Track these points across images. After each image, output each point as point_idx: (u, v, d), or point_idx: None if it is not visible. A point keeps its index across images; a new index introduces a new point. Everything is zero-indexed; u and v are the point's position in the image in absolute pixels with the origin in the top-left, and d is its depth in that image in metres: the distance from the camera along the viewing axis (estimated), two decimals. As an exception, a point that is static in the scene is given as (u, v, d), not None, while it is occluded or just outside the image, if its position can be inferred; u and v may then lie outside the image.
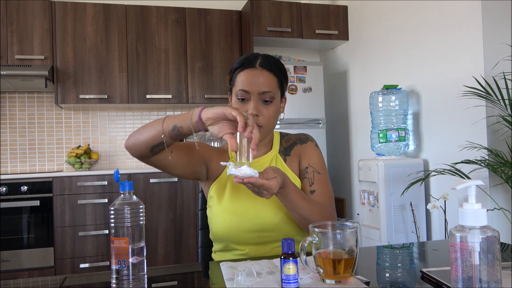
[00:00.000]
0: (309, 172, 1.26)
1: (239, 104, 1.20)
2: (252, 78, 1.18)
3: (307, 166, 1.27)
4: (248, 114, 0.97)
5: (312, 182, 1.25)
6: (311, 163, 1.27)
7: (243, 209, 1.19)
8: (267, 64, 1.21)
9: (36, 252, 2.96)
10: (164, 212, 3.21)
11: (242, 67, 1.21)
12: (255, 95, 1.18)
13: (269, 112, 1.19)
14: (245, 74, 1.20)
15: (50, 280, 1.24)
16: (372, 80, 3.28)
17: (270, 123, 1.21)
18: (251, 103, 1.18)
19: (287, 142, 1.33)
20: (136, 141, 1.09)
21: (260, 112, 1.18)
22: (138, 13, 3.45)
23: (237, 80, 1.21)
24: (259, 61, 1.21)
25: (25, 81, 3.17)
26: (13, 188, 2.95)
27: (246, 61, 1.22)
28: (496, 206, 2.13)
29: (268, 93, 1.19)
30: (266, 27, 3.42)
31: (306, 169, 1.26)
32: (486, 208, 0.68)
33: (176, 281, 1.00)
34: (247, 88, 1.18)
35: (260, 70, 1.20)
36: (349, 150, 3.64)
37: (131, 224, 0.82)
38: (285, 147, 1.32)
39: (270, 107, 1.20)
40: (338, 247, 0.83)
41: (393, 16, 3.01)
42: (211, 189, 1.26)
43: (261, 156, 1.28)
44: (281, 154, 1.30)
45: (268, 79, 1.20)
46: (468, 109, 2.27)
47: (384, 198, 2.58)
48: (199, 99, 3.56)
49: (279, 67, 1.24)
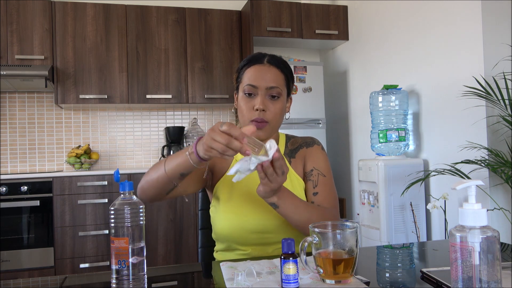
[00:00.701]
0: (314, 175, 1.26)
1: (246, 99, 1.20)
2: (259, 73, 1.19)
3: (312, 168, 1.27)
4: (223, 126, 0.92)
5: (316, 184, 1.24)
6: (316, 165, 1.27)
7: (246, 210, 1.19)
8: (274, 61, 1.23)
9: (36, 252, 2.96)
10: (164, 212, 3.21)
11: (249, 63, 1.23)
12: (262, 90, 1.18)
13: (275, 108, 1.19)
14: (253, 69, 1.21)
15: (50, 280, 1.24)
16: (372, 80, 3.28)
17: (276, 119, 1.21)
18: (258, 97, 1.18)
19: (293, 145, 1.33)
20: (148, 194, 1.12)
21: (267, 108, 1.18)
22: (138, 13, 3.45)
23: (244, 76, 1.22)
24: (266, 58, 1.23)
25: (25, 81, 3.17)
26: (13, 188, 2.95)
27: (253, 58, 1.23)
28: (496, 206, 2.13)
29: (275, 89, 1.19)
30: (266, 27, 3.42)
31: (311, 172, 1.26)
32: (486, 208, 0.68)
33: (176, 281, 1.00)
34: (255, 83, 1.18)
35: (268, 66, 1.21)
36: (349, 150, 3.64)
37: (131, 224, 0.82)
38: (291, 150, 1.31)
39: (276, 103, 1.20)
40: (338, 247, 0.83)
41: (393, 16, 3.01)
42: (216, 189, 1.26)
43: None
44: (287, 156, 1.30)
45: (276, 75, 1.20)
46: (468, 109, 2.27)
47: (384, 198, 2.58)
48: (199, 99, 3.56)
49: (286, 66, 1.25)
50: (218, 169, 1.27)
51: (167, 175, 1.05)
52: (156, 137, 3.80)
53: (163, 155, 3.62)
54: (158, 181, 1.08)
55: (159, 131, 3.81)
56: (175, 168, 1.03)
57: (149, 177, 1.11)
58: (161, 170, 1.06)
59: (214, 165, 1.27)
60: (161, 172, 1.06)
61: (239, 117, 1.25)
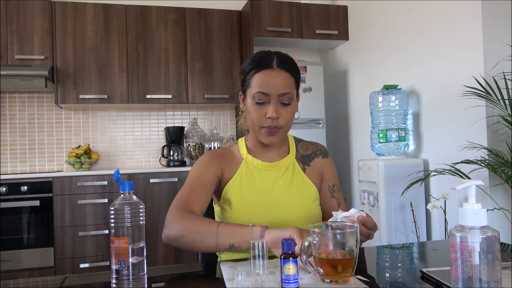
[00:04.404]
0: (336, 191, 1.30)
1: (256, 107, 1.17)
2: (270, 80, 1.15)
3: (333, 184, 1.30)
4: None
5: (339, 202, 1.29)
6: (335, 181, 1.31)
7: (259, 211, 1.19)
8: (284, 64, 1.17)
9: (36, 252, 2.96)
10: (164, 212, 3.21)
11: (258, 68, 1.17)
12: (274, 97, 1.15)
13: (288, 114, 1.18)
14: (262, 75, 1.16)
15: (50, 280, 1.24)
16: (372, 80, 3.28)
17: (289, 124, 1.20)
18: (271, 106, 1.15)
19: (305, 150, 1.32)
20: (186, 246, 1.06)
21: (280, 114, 1.16)
22: (138, 13, 3.45)
23: (252, 82, 1.17)
24: (275, 61, 1.17)
25: (25, 81, 3.16)
26: (13, 188, 2.95)
27: (261, 61, 1.17)
28: (496, 206, 2.13)
29: (287, 95, 1.16)
30: (266, 27, 3.42)
31: (333, 188, 1.29)
32: (486, 208, 0.68)
33: (176, 281, 1.00)
34: (266, 91, 1.14)
35: (278, 71, 1.16)
36: (349, 150, 3.64)
37: (131, 224, 0.82)
38: (303, 155, 1.31)
39: (288, 108, 1.18)
40: (338, 247, 0.83)
41: (393, 16, 3.01)
42: (225, 192, 1.24)
43: (279, 160, 1.27)
44: (299, 161, 1.29)
45: (286, 80, 1.16)
46: (468, 109, 2.27)
47: (384, 198, 2.57)
48: (199, 99, 3.56)
49: (295, 67, 1.21)
50: (227, 172, 1.25)
51: (217, 248, 1.03)
52: (156, 137, 3.80)
53: (163, 155, 3.62)
54: (206, 248, 1.04)
55: (159, 131, 3.81)
56: (227, 238, 1.01)
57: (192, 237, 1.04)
58: (211, 241, 1.02)
59: (222, 175, 1.25)
60: (211, 243, 1.02)
61: (248, 122, 1.23)
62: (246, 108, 1.22)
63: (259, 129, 1.18)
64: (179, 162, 3.55)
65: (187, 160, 3.79)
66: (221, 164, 1.24)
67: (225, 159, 1.26)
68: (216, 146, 3.66)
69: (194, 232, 1.04)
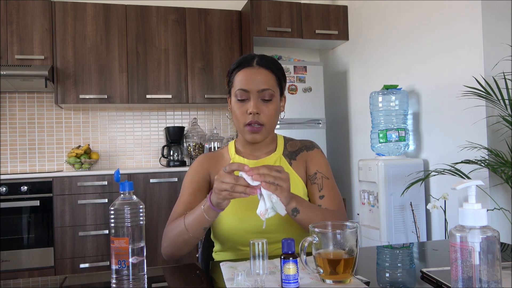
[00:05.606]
0: (318, 178, 1.26)
1: (238, 104, 1.20)
2: (250, 76, 1.19)
3: (315, 172, 1.27)
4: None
5: (321, 187, 1.25)
6: (319, 169, 1.27)
7: (246, 211, 1.19)
8: (264, 62, 1.22)
9: (36, 252, 2.96)
10: (164, 212, 3.21)
11: (239, 67, 1.22)
12: (254, 93, 1.18)
13: (269, 110, 1.20)
14: (243, 73, 1.20)
15: (50, 280, 1.24)
16: (372, 80, 3.28)
17: (271, 121, 1.21)
18: (251, 101, 1.18)
19: (293, 147, 1.32)
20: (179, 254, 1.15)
21: (261, 111, 1.18)
22: (138, 13, 3.45)
23: (235, 80, 1.22)
24: (256, 60, 1.22)
25: (25, 81, 3.16)
26: (13, 188, 2.95)
27: (243, 61, 1.23)
28: (496, 206, 2.13)
29: (267, 91, 1.19)
30: (266, 27, 3.42)
31: (315, 175, 1.26)
32: (486, 208, 0.68)
33: (176, 281, 1.00)
34: (246, 87, 1.18)
35: (257, 68, 1.20)
36: (349, 150, 3.64)
37: (131, 224, 0.82)
38: (291, 152, 1.31)
39: (270, 105, 1.20)
40: (338, 247, 0.83)
41: (393, 16, 3.01)
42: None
43: (265, 157, 1.28)
44: (286, 157, 1.30)
45: (266, 76, 1.20)
46: (468, 109, 2.27)
47: (384, 198, 2.58)
48: (199, 99, 3.56)
49: (276, 65, 1.24)
50: (214, 174, 1.27)
51: (191, 234, 1.08)
52: (156, 137, 3.80)
53: (163, 155, 3.62)
54: (186, 242, 1.11)
55: (159, 131, 3.81)
56: (196, 225, 1.07)
57: (172, 240, 1.13)
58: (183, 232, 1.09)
59: (211, 171, 1.28)
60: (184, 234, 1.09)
61: (234, 122, 1.26)
62: (231, 107, 1.25)
63: (243, 127, 1.21)
64: (179, 162, 3.55)
65: (187, 160, 3.79)
66: (208, 168, 1.28)
67: (213, 162, 1.29)
68: (216, 146, 3.67)
69: (173, 235, 1.13)
